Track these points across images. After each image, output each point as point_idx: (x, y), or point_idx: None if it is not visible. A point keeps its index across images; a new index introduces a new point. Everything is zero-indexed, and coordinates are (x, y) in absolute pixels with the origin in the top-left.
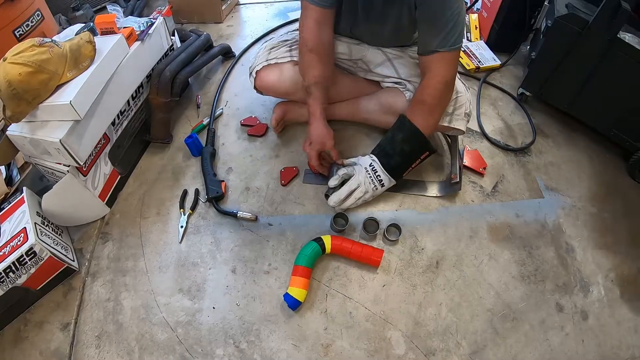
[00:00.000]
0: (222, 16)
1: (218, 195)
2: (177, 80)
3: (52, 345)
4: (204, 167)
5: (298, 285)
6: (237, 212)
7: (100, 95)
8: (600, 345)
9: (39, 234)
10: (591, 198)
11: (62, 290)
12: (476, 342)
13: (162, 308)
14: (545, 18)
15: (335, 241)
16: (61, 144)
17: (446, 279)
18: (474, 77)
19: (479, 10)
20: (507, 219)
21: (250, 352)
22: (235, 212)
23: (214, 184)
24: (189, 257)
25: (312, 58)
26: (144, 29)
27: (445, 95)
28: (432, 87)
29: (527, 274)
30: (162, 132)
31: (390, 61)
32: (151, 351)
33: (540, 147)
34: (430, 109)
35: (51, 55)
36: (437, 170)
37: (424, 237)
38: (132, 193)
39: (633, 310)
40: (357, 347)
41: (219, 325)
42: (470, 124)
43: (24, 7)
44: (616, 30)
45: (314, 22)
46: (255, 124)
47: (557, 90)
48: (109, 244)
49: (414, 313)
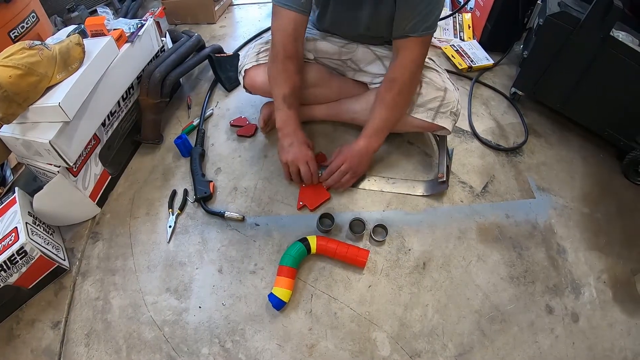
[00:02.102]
0: (215, 17)
1: (206, 196)
2: (167, 81)
3: (43, 344)
4: (192, 168)
5: (283, 286)
6: (224, 213)
7: (90, 96)
8: (592, 348)
9: (30, 234)
10: (584, 198)
11: (54, 289)
12: (463, 344)
13: (150, 307)
14: (538, 17)
15: (320, 241)
16: (51, 145)
17: (433, 280)
18: (467, 76)
19: (472, 9)
20: (497, 219)
21: (235, 352)
22: (223, 213)
23: (202, 185)
24: (177, 257)
25: (289, 66)
26: (134, 30)
27: (415, 75)
28: (404, 67)
29: (517, 275)
30: (153, 133)
31: (380, 59)
32: (138, 350)
33: (532, 147)
34: (400, 87)
35: (41, 58)
36: (426, 170)
37: (411, 237)
38: (123, 193)
39: (626, 312)
40: (341, 348)
41: (204, 324)
42: (461, 124)
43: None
44: (609, 29)
45: (291, 29)
46: (244, 124)
47: (549, 89)
48: (99, 244)
49: (400, 314)
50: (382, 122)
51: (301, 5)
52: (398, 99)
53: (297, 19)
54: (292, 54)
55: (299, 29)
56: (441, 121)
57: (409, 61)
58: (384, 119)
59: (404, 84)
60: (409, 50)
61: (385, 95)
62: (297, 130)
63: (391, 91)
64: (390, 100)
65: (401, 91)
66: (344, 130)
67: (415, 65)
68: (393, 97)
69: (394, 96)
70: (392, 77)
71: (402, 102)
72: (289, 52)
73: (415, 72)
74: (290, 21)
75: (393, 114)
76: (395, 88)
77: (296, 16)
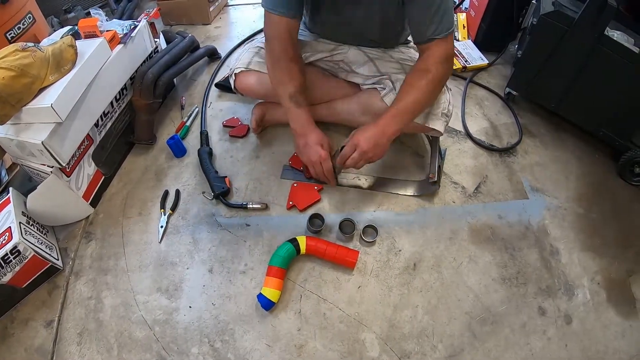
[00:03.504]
0: (210, 18)
1: (224, 191)
2: (159, 82)
3: (36, 342)
4: (204, 167)
5: (272, 286)
6: (247, 204)
7: (82, 97)
8: (585, 350)
9: (24, 233)
10: (578, 199)
11: (47, 289)
12: (453, 346)
13: (141, 306)
14: (532, 16)
15: (310, 242)
16: (43, 146)
17: (423, 281)
18: (461, 76)
19: (467, 9)
20: (489, 220)
21: (225, 352)
22: (245, 204)
23: (218, 181)
24: (168, 257)
25: (293, 68)
26: (127, 32)
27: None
28: (435, 61)
29: (509, 277)
30: (146, 134)
31: (372, 61)
32: (129, 349)
33: (526, 147)
34: (434, 76)
35: (34, 60)
36: (418, 170)
37: (402, 238)
38: (116, 193)
39: (620, 314)
40: (330, 349)
41: (194, 324)
42: (454, 124)
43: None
44: (603, 28)
45: (287, 33)
46: (237, 125)
47: (544, 89)
48: (92, 243)
49: (389, 315)
50: (410, 105)
51: (293, 10)
52: (428, 86)
53: (290, 24)
54: (293, 57)
55: (294, 33)
56: (432, 123)
57: (438, 57)
58: (411, 100)
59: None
60: (436, 49)
61: (413, 81)
62: (310, 129)
63: (424, 79)
64: (423, 85)
65: (432, 80)
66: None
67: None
68: (422, 83)
69: (423, 83)
70: (424, 68)
71: (432, 91)
72: (291, 55)
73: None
74: (285, 27)
75: (424, 98)
76: (426, 76)
77: (289, 21)
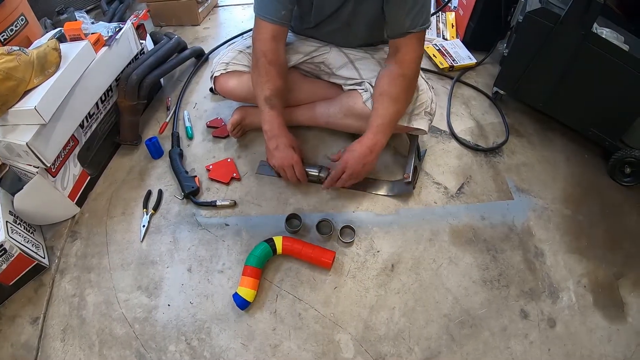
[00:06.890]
0: (199, 19)
1: (194, 190)
2: (144, 83)
3: (22, 338)
4: (174, 167)
5: (247, 286)
6: (215, 202)
7: (67, 99)
8: (569, 354)
9: (10, 232)
10: (565, 199)
11: (34, 286)
12: (430, 348)
13: (122, 304)
14: (520, 14)
15: (286, 242)
16: (28, 147)
17: (401, 283)
18: (448, 76)
19: (456, 8)
20: (472, 221)
21: (201, 350)
22: (214, 202)
23: (188, 180)
24: (149, 256)
25: (271, 70)
26: (112, 34)
27: (418, 71)
28: (410, 62)
29: (490, 279)
30: (131, 134)
31: (352, 63)
32: (110, 345)
33: (513, 147)
34: (407, 82)
35: (18, 63)
36: (400, 170)
37: (381, 239)
38: (102, 193)
39: (607, 318)
40: (304, 349)
41: (172, 322)
42: (439, 124)
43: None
44: (590, 25)
45: (270, 37)
46: (220, 125)
47: (531, 88)
48: (77, 242)
49: (365, 316)
50: (390, 117)
51: (281, 18)
52: (405, 93)
53: (276, 30)
54: (272, 60)
55: (279, 39)
56: (417, 123)
57: (413, 57)
58: (392, 112)
59: (410, 79)
60: (410, 46)
61: (391, 90)
62: (281, 132)
63: (396, 86)
64: (396, 94)
65: (408, 86)
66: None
67: (419, 60)
68: (399, 92)
69: (400, 91)
70: (397, 73)
71: (409, 97)
72: (270, 58)
73: (418, 68)
74: (270, 33)
75: (401, 107)
76: (401, 83)
77: (275, 28)
